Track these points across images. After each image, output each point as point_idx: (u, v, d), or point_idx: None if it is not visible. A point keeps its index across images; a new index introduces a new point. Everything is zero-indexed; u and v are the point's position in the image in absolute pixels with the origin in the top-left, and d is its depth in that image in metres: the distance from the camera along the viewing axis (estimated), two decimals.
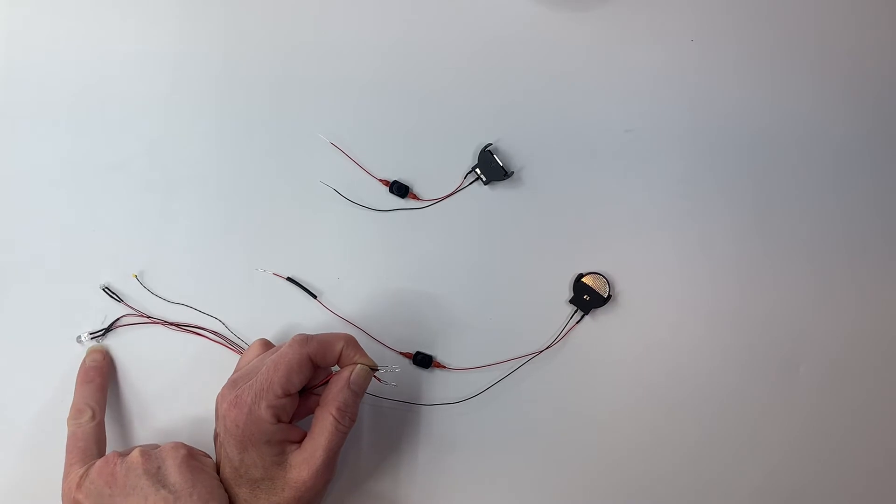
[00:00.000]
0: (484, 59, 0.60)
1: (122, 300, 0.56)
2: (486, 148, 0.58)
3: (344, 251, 0.58)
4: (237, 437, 0.47)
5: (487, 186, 0.59)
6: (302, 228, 0.58)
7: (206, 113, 0.59)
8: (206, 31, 0.59)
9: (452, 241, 0.59)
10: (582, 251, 0.59)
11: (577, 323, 0.58)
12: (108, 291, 0.56)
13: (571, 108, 0.60)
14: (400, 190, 0.58)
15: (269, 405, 0.47)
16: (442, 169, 0.59)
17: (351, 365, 0.50)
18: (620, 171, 0.60)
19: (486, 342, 0.58)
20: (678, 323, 0.59)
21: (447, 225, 0.59)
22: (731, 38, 0.61)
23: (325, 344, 0.49)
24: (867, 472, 0.59)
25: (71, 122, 0.58)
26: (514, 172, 0.59)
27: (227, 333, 0.57)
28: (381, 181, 0.59)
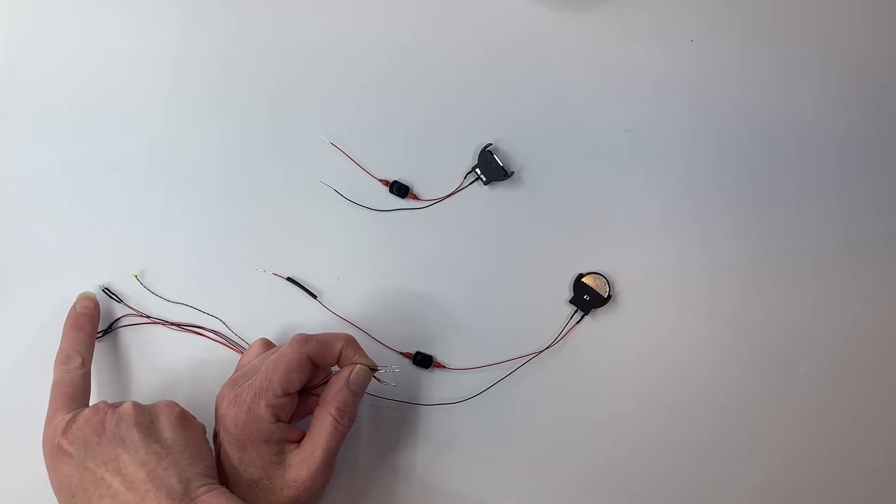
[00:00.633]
0: (484, 59, 0.60)
1: (121, 300, 0.56)
2: (486, 148, 0.58)
3: (344, 251, 0.58)
4: (236, 436, 0.47)
5: (487, 186, 0.59)
6: (302, 228, 0.58)
7: (206, 113, 0.59)
8: (206, 31, 0.60)
9: (452, 241, 0.59)
10: (582, 251, 0.59)
11: (577, 323, 0.58)
12: (107, 292, 0.56)
13: (571, 108, 0.60)
14: (400, 190, 0.58)
15: (268, 404, 0.47)
16: (442, 169, 0.59)
17: (350, 365, 0.50)
18: (620, 171, 0.60)
19: (486, 342, 0.58)
20: (678, 323, 0.59)
21: (447, 225, 0.59)
22: (731, 38, 0.61)
23: (324, 344, 0.49)
24: (867, 472, 0.59)
25: (71, 122, 0.58)
26: (514, 172, 0.59)
27: (227, 333, 0.57)
28: (381, 181, 0.59)
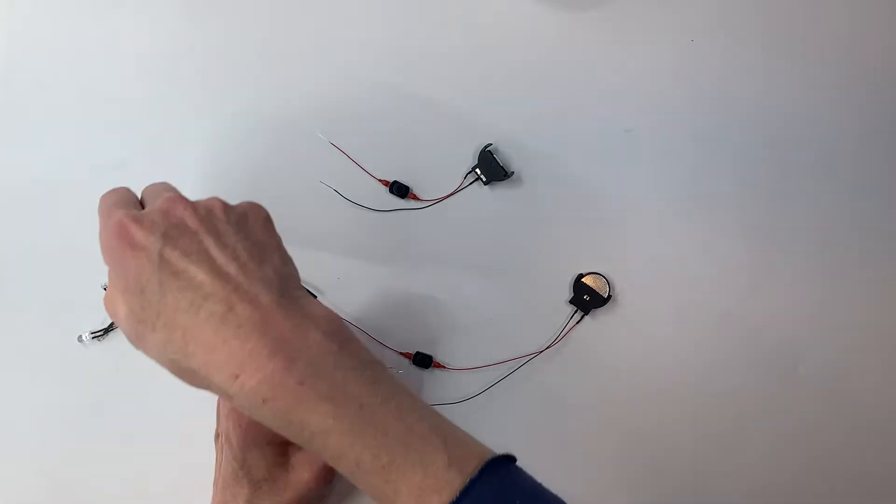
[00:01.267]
0: (484, 58, 0.60)
1: None
2: (486, 148, 0.58)
3: (344, 251, 0.58)
4: (240, 437, 0.47)
5: (487, 186, 0.59)
6: (302, 228, 0.58)
7: (205, 113, 0.59)
8: (206, 31, 0.59)
9: (452, 241, 0.59)
10: (582, 251, 0.59)
11: (577, 323, 0.58)
12: None
13: (571, 108, 0.60)
14: (400, 190, 0.58)
15: None
16: (442, 169, 0.59)
17: None
18: (620, 171, 0.60)
19: (486, 342, 0.58)
20: (678, 323, 0.59)
21: (447, 225, 0.59)
22: (731, 38, 0.61)
23: None
24: (867, 472, 0.59)
25: (71, 122, 0.58)
26: (514, 172, 0.59)
27: None
28: (381, 181, 0.59)
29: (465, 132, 0.59)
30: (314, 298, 0.41)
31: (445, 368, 0.58)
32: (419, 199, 0.59)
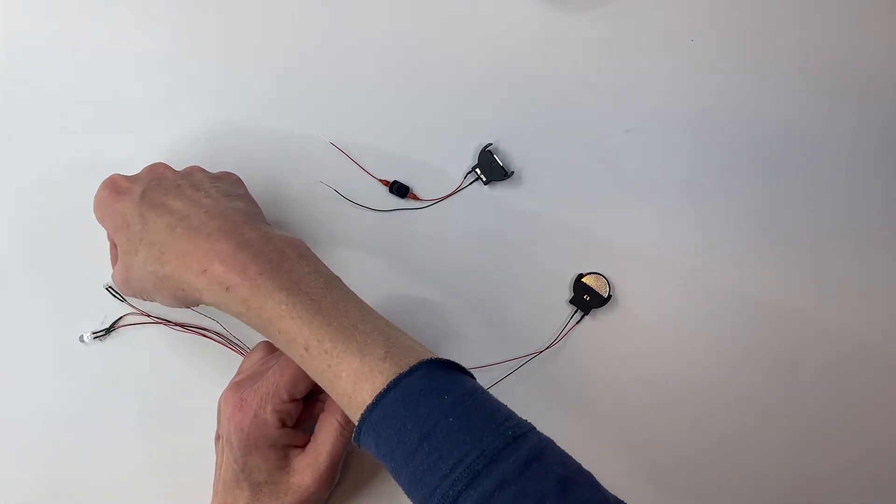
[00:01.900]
0: (484, 58, 0.60)
1: (124, 299, 0.56)
2: (486, 148, 0.58)
3: (344, 251, 0.58)
4: (241, 440, 0.47)
5: (487, 186, 0.59)
6: (302, 228, 0.58)
7: (205, 113, 0.59)
8: (206, 31, 0.59)
9: (452, 241, 0.59)
10: (582, 251, 0.59)
11: (577, 323, 0.58)
12: (111, 291, 0.56)
13: (571, 108, 0.60)
14: (400, 190, 0.58)
15: (274, 409, 0.47)
16: (442, 169, 0.59)
17: None
18: (620, 171, 0.60)
19: (486, 342, 0.58)
20: (678, 323, 0.59)
21: (447, 225, 0.59)
22: (731, 38, 0.61)
23: None
24: (867, 472, 0.59)
25: (71, 122, 0.58)
26: (514, 172, 0.59)
27: (228, 334, 0.57)
28: (381, 181, 0.59)
29: (465, 132, 0.59)
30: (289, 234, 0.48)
31: None
32: (419, 199, 0.59)
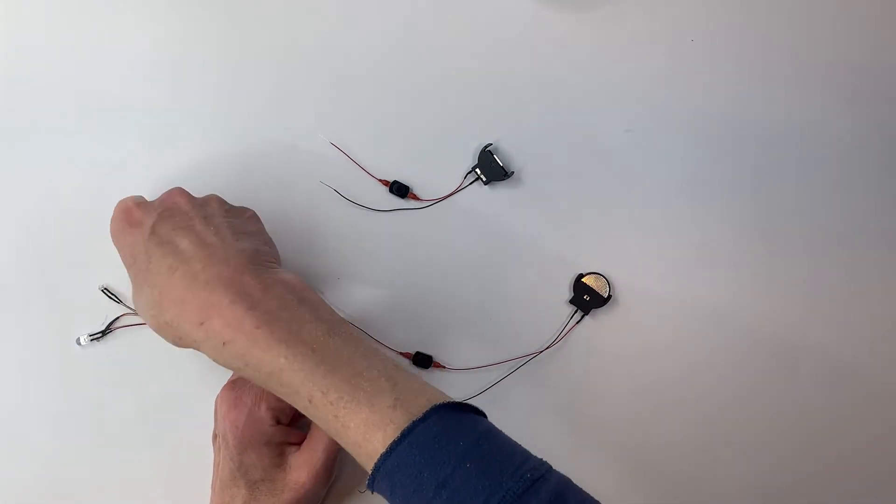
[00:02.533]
0: (484, 58, 0.60)
1: (121, 301, 0.56)
2: (486, 148, 0.58)
3: (344, 251, 0.58)
4: (237, 438, 0.47)
5: (487, 186, 0.59)
6: (302, 228, 0.58)
7: (205, 113, 0.59)
8: (206, 31, 0.59)
9: (452, 241, 0.59)
10: (582, 251, 0.59)
11: (577, 323, 0.58)
12: (107, 293, 0.56)
13: (571, 108, 0.60)
14: (400, 190, 0.58)
15: (269, 407, 0.47)
16: (442, 169, 0.59)
17: None
18: (620, 171, 0.60)
19: (485, 342, 0.58)
20: (678, 323, 0.59)
21: (447, 225, 0.59)
22: (731, 38, 0.61)
23: None
24: (867, 471, 0.59)
25: (70, 123, 0.58)
26: (514, 172, 0.59)
27: None
28: (381, 181, 0.59)
29: (465, 132, 0.59)
30: (293, 273, 0.46)
31: (445, 368, 0.58)
32: (419, 199, 0.59)
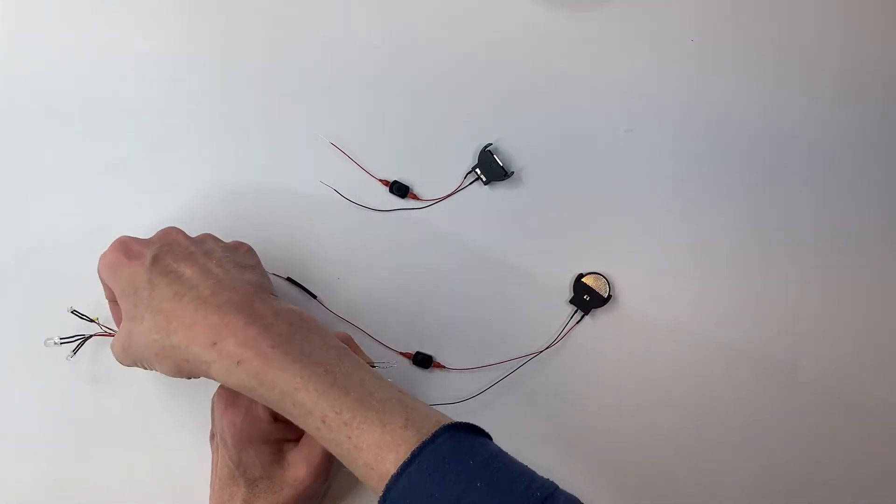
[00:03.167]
0: (484, 58, 0.60)
1: (92, 321, 0.53)
2: (486, 148, 0.58)
3: (344, 251, 0.58)
4: (235, 436, 0.47)
5: (487, 186, 0.59)
6: (302, 228, 0.58)
7: (205, 113, 0.59)
8: (205, 30, 0.60)
9: (452, 241, 0.59)
10: (582, 251, 0.59)
11: (577, 323, 0.58)
12: (76, 314, 0.53)
13: (571, 107, 0.60)
14: (400, 190, 0.58)
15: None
16: (442, 169, 0.59)
17: None
18: (620, 171, 0.60)
19: (485, 342, 0.58)
20: (678, 323, 0.59)
21: (447, 225, 0.59)
22: (731, 38, 0.61)
23: None
24: (867, 471, 0.58)
25: (70, 123, 0.58)
26: (514, 172, 0.59)
27: None
28: (381, 181, 0.59)
29: (465, 132, 0.59)
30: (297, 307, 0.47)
31: (445, 368, 0.58)
32: (419, 199, 0.59)
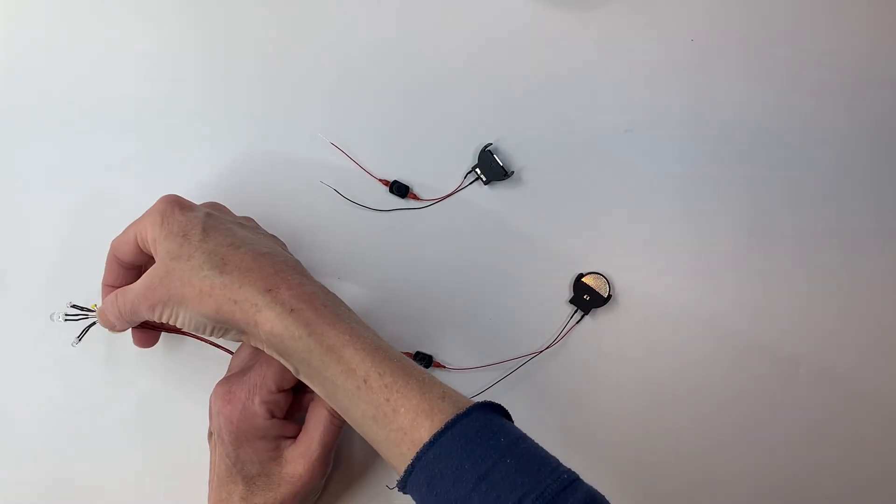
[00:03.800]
0: (484, 58, 0.60)
1: (87, 315, 0.54)
2: (486, 148, 0.58)
3: (344, 251, 0.58)
4: (232, 433, 0.47)
5: (487, 186, 0.59)
6: (302, 228, 0.58)
7: (205, 113, 0.59)
8: (205, 30, 0.60)
9: (452, 240, 0.59)
10: (582, 251, 0.59)
11: (577, 323, 0.58)
12: (76, 309, 0.54)
13: (571, 108, 0.60)
14: (400, 190, 0.58)
15: (262, 401, 0.47)
16: (442, 169, 0.59)
17: None
18: (620, 171, 0.60)
19: (486, 342, 0.58)
20: (678, 323, 0.58)
21: (447, 225, 0.59)
22: (731, 38, 0.61)
23: None
24: (867, 471, 0.58)
25: (70, 123, 0.58)
26: (514, 172, 0.59)
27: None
28: (381, 181, 0.59)
29: (465, 132, 0.60)
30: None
31: (445, 368, 0.58)
32: (419, 199, 0.59)
